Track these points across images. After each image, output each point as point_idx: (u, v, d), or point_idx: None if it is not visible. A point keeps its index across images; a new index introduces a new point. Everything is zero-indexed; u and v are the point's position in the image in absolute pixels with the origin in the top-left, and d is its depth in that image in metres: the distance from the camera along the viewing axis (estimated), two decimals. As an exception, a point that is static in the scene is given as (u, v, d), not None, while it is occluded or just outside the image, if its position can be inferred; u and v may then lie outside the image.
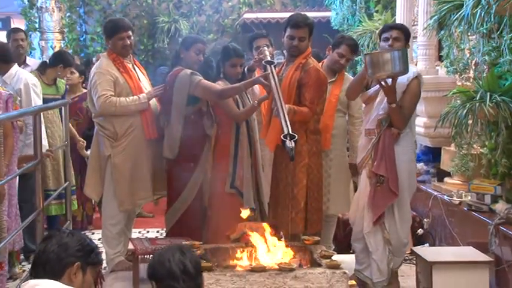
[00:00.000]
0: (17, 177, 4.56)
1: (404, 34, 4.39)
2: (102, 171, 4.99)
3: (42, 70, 5.95)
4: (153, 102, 5.01)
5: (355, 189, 4.92)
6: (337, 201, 5.04)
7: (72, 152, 6.37)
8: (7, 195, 4.32)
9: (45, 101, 5.50)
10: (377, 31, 6.25)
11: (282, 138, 3.98)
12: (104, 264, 5.01)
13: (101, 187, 5.06)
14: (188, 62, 4.82)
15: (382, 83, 4.16)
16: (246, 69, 4.96)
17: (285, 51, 5.09)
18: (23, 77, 5.24)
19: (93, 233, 6.40)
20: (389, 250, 4.31)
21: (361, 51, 7.30)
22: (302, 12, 4.92)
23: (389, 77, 4.15)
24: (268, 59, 4.59)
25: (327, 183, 5.00)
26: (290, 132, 3.98)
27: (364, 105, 4.67)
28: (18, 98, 5.09)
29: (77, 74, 6.53)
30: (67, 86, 6.24)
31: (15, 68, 5.31)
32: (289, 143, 3.93)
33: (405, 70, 4.15)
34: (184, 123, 4.75)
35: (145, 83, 5.06)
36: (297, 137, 3.98)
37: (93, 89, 4.89)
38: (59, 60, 6.01)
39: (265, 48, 4.79)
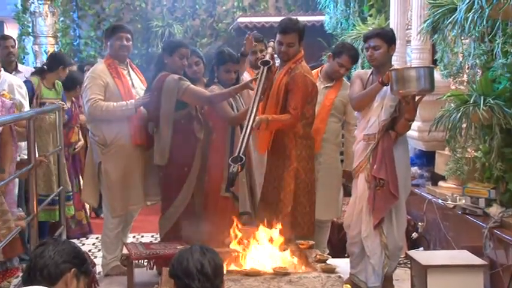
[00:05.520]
0: (16, 186, 4.54)
1: (384, 38, 4.38)
2: (97, 178, 5.00)
3: (42, 75, 5.96)
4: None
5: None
6: (322, 206, 4.92)
7: (72, 157, 6.38)
8: (6, 204, 4.30)
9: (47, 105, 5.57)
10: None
11: (230, 161, 3.92)
12: (99, 268, 5.02)
13: (97, 193, 5.07)
14: (172, 67, 4.76)
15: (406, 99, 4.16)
16: (239, 54, 4.97)
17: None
18: (7, 78, 5.22)
19: (97, 238, 6.38)
20: (385, 254, 4.32)
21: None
22: (295, 17, 4.90)
23: (414, 95, 4.14)
24: (267, 58, 4.56)
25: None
26: (240, 154, 3.91)
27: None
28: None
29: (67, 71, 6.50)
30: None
31: None
32: (232, 168, 3.87)
33: (431, 88, 4.13)
34: (174, 128, 4.72)
35: (139, 89, 5.05)
36: (244, 160, 3.90)
37: (84, 92, 4.93)
38: (58, 62, 6.03)
39: (271, 44, 4.75)
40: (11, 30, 11.27)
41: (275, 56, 4.73)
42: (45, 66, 6.12)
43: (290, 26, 4.54)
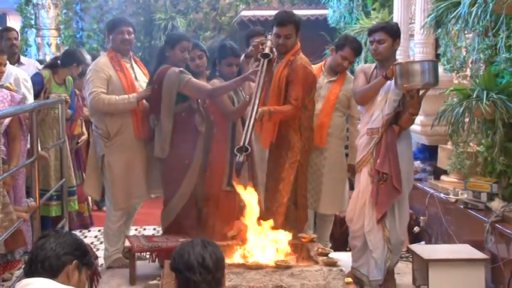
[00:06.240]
0: (25, 179, 4.55)
1: (389, 33, 4.35)
2: (100, 171, 5.01)
3: (54, 69, 5.96)
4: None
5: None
6: (327, 201, 5.00)
7: (74, 150, 6.38)
8: (15, 198, 4.31)
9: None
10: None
11: (236, 151, 3.97)
12: (101, 261, 5.03)
13: (100, 186, 5.08)
14: (174, 61, 4.75)
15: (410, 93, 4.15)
16: (243, 55, 4.95)
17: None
18: (13, 72, 5.19)
19: (99, 230, 6.39)
20: (388, 248, 4.32)
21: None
22: (298, 10, 4.91)
23: (418, 89, 4.13)
24: (266, 51, 4.55)
25: (319, 181, 4.99)
26: (246, 144, 3.95)
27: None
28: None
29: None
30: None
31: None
32: (238, 157, 3.91)
33: (436, 82, 4.12)
34: (175, 121, 4.71)
35: (142, 82, 5.05)
36: (250, 150, 3.96)
37: (86, 85, 4.94)
38: (73, 59, 6.04)
39: (269, 37, 4.74)
40: (14, 22, 11.27)
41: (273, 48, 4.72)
42: (58, 61, 6.11)
43: (287, 18, 4.56)
